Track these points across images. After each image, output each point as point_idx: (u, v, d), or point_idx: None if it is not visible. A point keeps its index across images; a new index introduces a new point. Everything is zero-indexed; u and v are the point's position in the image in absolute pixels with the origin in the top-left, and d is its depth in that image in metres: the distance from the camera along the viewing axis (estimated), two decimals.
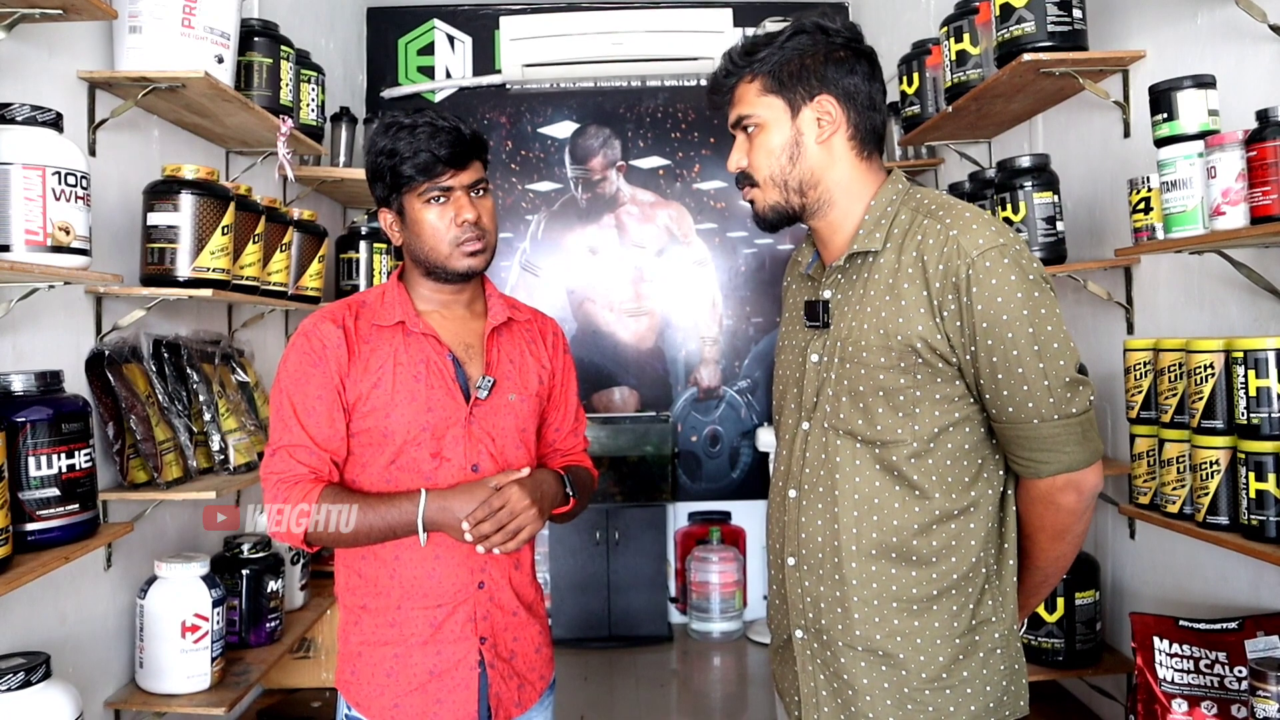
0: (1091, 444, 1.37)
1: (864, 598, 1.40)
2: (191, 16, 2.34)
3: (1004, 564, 1.44)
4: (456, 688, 1.59)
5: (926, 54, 3.30)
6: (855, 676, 1.41)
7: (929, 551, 1.39)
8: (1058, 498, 1.39)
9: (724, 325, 4.86)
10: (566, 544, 4.55)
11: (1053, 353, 1.33)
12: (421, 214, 1.59)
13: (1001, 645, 1.42)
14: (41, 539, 1.82)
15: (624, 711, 3.84)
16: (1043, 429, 1.34)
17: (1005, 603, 1.44)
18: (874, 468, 1.39)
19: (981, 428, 1.41)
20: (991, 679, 1.41)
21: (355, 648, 1.63)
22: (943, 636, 1.39)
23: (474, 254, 1.61)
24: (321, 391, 1.57)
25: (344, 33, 4.47)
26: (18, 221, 1.74)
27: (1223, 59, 2.11)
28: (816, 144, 1.42)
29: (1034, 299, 1.33)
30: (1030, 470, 1.38)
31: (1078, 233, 2.71)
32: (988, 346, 1.32)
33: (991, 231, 1.34)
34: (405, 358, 1.61)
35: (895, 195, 1.44)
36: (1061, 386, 1.33)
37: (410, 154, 1.55)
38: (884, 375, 1.37)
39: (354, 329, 1.62)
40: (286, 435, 1.56)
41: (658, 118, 4.88)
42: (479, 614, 1.61)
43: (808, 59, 1.41)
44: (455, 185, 1.59)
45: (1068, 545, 1.45)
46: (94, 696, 2.22)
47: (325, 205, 3.98)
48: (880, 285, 1.39)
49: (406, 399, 1.58)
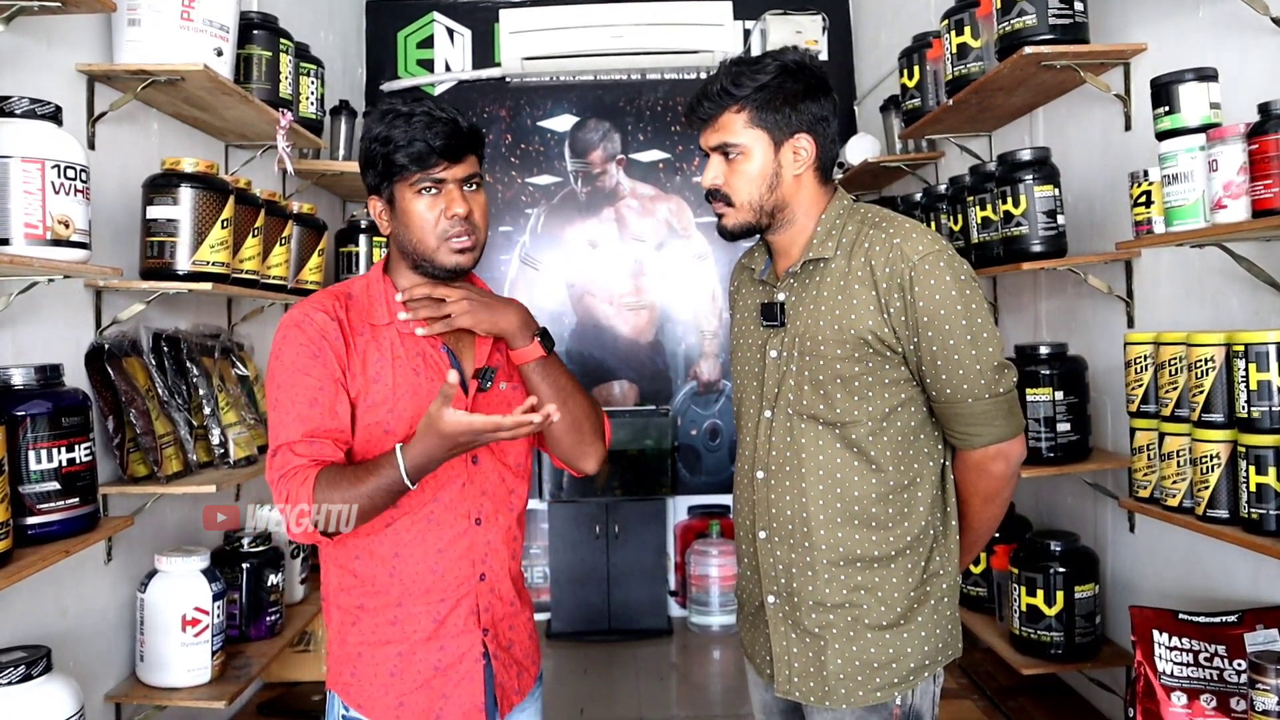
0: (1016, 419, 1.61)
1: (832, 559, 1.60)
2: (190, 9, 2.33)
3: (948, 525, 1.67)
4: (462, 681, 1.57)
5: (927, 47, 3.30)
6: (825, 629, 1.60)
7: (885, 518, 1.60)
8: (989, 465, 1.62)
9: (724, 319, 4.86)
10: (566, 538, 4.55)
11: (983, 341, 1.54)
12: (411, 204, 1.54)
13: (949, 595, 1.66)
14: (42, 533, 1.82)
15: (623, 705, 3.84)
16: (975, 407, 1.56)
17: (950, 558, 1.66)
18: (835, 446, 1.59)
19: (924, 408, 1.62)
20: (941, 624, 1.64)
21: (353, 649, 1.59)
22: (900, 590, 1.60)
23: (462, 251, 1.55)
24: (322, 382, 1.51)
25: (343, 26, 4.46)
26: (17, 215, 1.74)
27: (1225, 52, 2.11)
28: (791, 176, 1.62)
29: (965, 296, 1.53)
30: (966, 442, 1.61)
31: (1078, 226, 2.71)
32: (928, 337, 1.53)
33: (929, 239, 1.56)
34: (403, 351, 1.57)
35: (842, 210, 1.65)
36: (991, 370, 1.55)
37: (405, 142, 1.51)
38: (840, 365, 1.57)
39: (346, 320, 1.57)
40: (285, 432, 1.50)
41: (657, 111, 4.87)
42: (481, 606, 1.59)
43: (790, 97, 1.59)
44: (448, 178, 1.54)
45: (997, 507, 1.68)
46: (94, 690, 2.22)
47: (325, 199, 3.97)
48: (832, 287, 1.60)
49: (409, 394, 1.55)
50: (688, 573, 4.67)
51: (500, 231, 4.85)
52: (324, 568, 1.63)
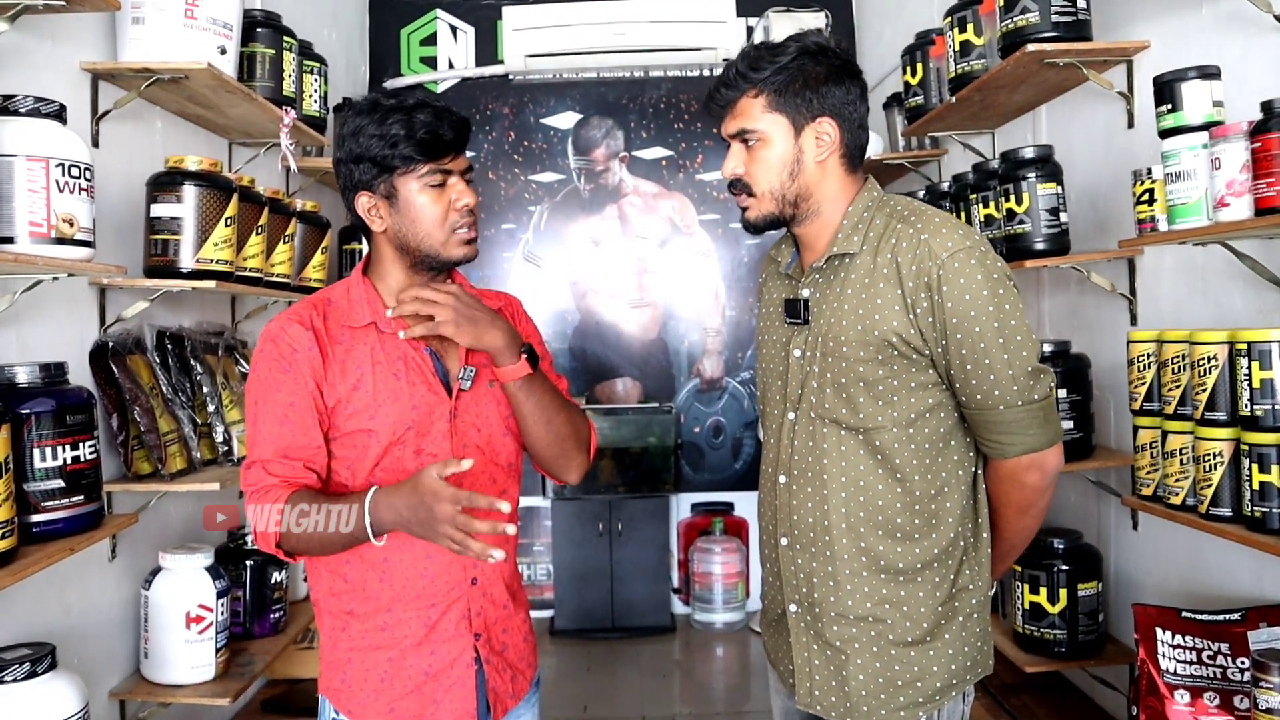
0: (1052, 427, 1.51)
1: (854, 570, 1.52)
2: (194, 7, 2.34)
3: (979, 537, 1.57)
4: (454, 687, 1.55)
5: (930, 44, 3.29)
6: (846, 642, 1.53)
7: (911, 529, 1.51)
8: (1023, 476, 1.52)
9: (727, 316, 4.86)
10: (569, 535, 4.56)
11: (1016, 344, 1.44)
12: (418, 198, 1.52)
13: (977, 610, 1.56)
14: (46, 530, 1.83)
15: (627, 702, 3.85)
16: (1008, 414, 1.46)
17: (981, 572, 1.57)
18: (859, 452, 1.51)
19: (954, 414, 1.52)
20: (969, 640, 1.55)
21: (343, 655, 1.57)
22: (926, 605, 1.51)
23: (470, 242, 1.56)
24: (294, 399, 1.50)
25: (346, 23, 4.47)
26: (21, 213, 1.74)
27: (1228, 49, 2.11)
28: (814, 163, 1.53)
29: (999, 296, 1.44)
30: (998, 451, 1.51)
31: (1081, 224, 2.71)
32: (957, 340, 1.44)
33: (959, 235, 1.46)
34: (383, 356, 1.55)
35: (871, 202, 1.56)
36: (1024, 375, 1.45)
37: (412, 134, 1.48)
38: (864, 367, 1.48)
39: (324, 330, 1.55)
40: (259, 448, 1.50)
41: (660, 108, 4.87)
42: (473, 610, 1.57)
43: (811, 79, 1.51)
44: (454, 170, 1.54)
45: (1032, 519, 1.59)
46: (99, 687, 2.23)
47: (328, 196, 3.97)
48: (857, 284, 1.51)
49: (390, 399, 1.52)
50: (691, 570, 4.68)
51: (503, 229, 4.85)
52: (314, 572, 1.61)
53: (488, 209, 4.81)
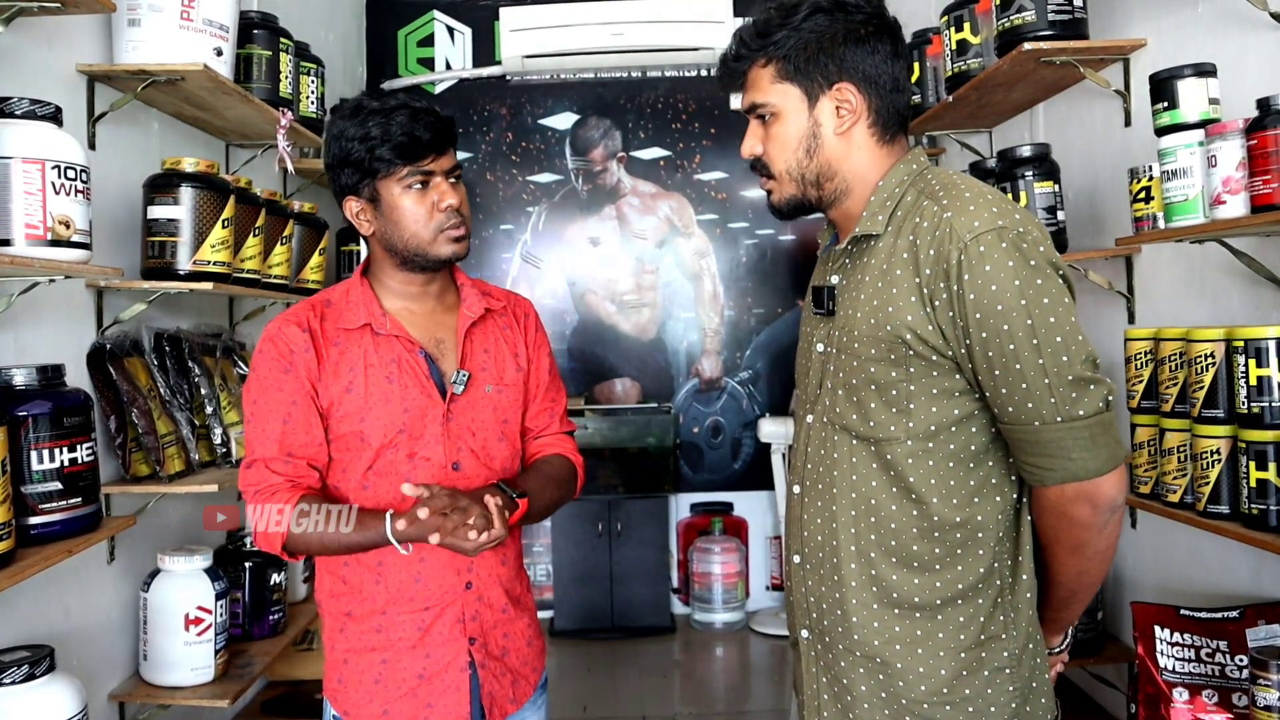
0: (1105, 450, 1.21)
1: (863, 601, 1.31)
2: (190, 9, 2.33)
3: (1018, 577, 1.32)
4: (447, 690, 1.56)
5: (927, 43, 3.29)
6: (854, 683, 1.33)
7: (931, 558, 1.29)
8: (1069, 509, 1.24)
9: (725, 316, 4.86)
10: (569, 535, 4.56)
11: (1055, 347, 1.18)
12: (400, 200, 1.52)
13: (1011, 665, 1.29)
14: (44, 532, 1.83)
15: (626, 702, 3.85)
16: (1044, 432, 1.20)
17: (1018, 619, 1.31)
18: (870, 466, 1.30)
19: (991, 428, 1.28)
20: (997, 700, 1.28)
21: (341, 655, 1.59)
22: (946, 649, 1.28)
23: (458, 240, 1.56)
24: (295, 398, 1.52)
25: (343, 25, 4.46)
26: (18, 215, 1.74)
27: (1224, 47, 2.11)
28: (835, 135, 1.33)
29: (1035, 286, 1.18)
30: (1035, 477, 1.25)
31: (1078, 222, 2.71)
32: (982, 340, 1.20)
33: (991, 213, 1.21)
34: (376, 359, 1.55)
35: (906, 176, 1.33)
36: (1065, 385, 1.18)
37: (389, 137, 1.48)
38: (874, 367, 1.28)
39: (320, 331, 1.56)
40: (260, 448, 1.52)
41: (658, 108, 4.87)
42: (467, 615, 1.58)
43: (825, 42, 1.30)
44: (436, 170, 1.53)
45: (1089, 561, 1.30)
46: (98, 689, 2.23)
47: (326, 198, 3.96)
48: (875, 271, 1.29)
49: (381, 401, 1.53)
50: (690, 570, 4.68)
51: (501, 229, 4.85)
52: (318, 573, 1.64)
53: (486, 210, 4.81)
